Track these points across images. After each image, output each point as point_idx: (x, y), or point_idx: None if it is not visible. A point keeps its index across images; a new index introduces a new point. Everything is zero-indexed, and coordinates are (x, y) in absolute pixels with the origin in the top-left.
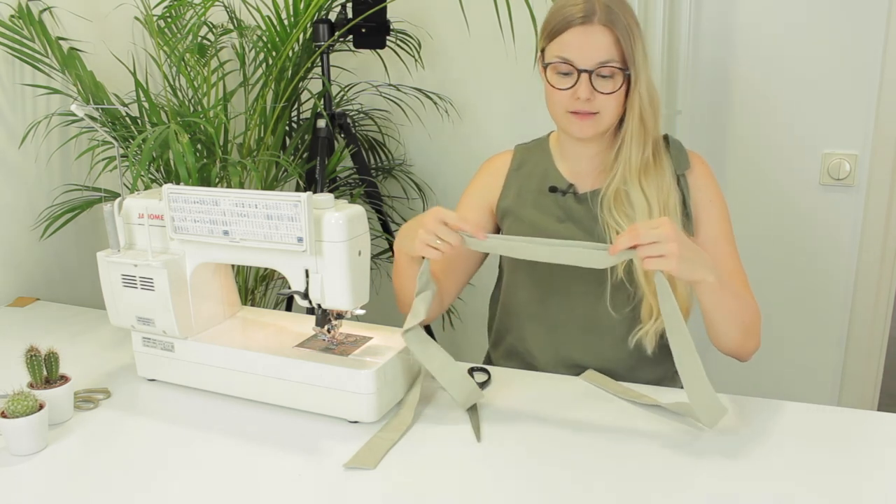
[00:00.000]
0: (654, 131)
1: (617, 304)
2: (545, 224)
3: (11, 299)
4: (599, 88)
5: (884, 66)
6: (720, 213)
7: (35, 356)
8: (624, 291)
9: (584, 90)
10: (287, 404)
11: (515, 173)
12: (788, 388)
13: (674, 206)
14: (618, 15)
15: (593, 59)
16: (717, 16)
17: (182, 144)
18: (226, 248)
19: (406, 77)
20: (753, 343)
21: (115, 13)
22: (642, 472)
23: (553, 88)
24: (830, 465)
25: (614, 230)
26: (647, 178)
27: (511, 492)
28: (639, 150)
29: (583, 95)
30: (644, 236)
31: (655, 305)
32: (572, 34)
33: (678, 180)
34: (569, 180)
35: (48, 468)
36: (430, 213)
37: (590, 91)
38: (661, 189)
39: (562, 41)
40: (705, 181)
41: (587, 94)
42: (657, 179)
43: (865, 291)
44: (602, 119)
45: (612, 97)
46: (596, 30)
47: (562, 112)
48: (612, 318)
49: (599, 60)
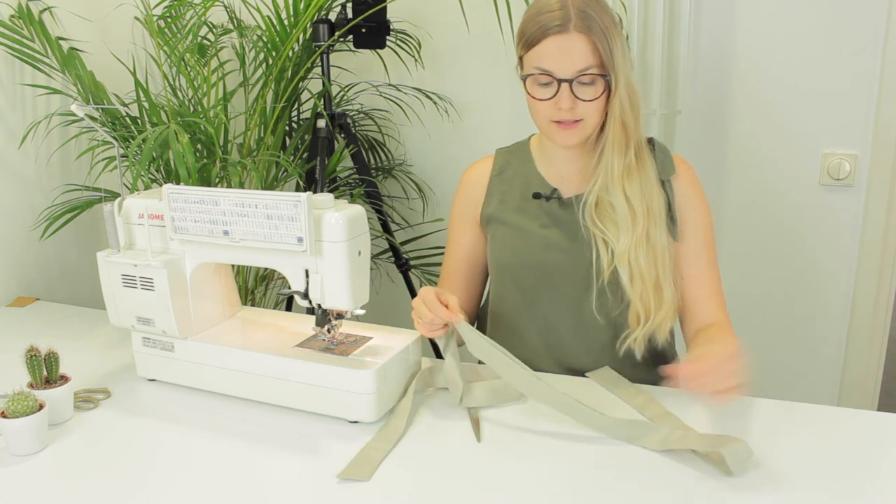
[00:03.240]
0: (635, 133)
1: (602, 310)
2: (530, 229)
3: (11, 299)
4: (581, 96)
5: (884, 66)
6: (703, 222)
7: (35, 356)
8: (609, 297)
9: (565, 100)
10: (287, 404)
11: (497, 179)
12: (788, 388)
13: (658, 210)
14: (593, 18)
15: (572, 69)
16: (717, 16)
17: (182, 144)
18: (226, 248)
19: (406, 77)
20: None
21: (115, 13)
22: (641, 472)
23: (534, 100)
24: (830, 465)
25: (600, 238)
26: (630, 181)
27: (511, 492)
28: (620, 156)
29: (565, 106)
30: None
31: (643, 311)
32: (549, 44)
33: (663, 185)
34: (552, 185)
35: (48, 468)
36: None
37: (571, 100)
38: (645, 192)
39: (539, 51)
40: (690, 187)
41: (569, 103)
42: (640, 183)
43: (865, 291)
44: (586, 126)
45: (594, 103)
46: (573, 38)
47: (545, 122)
48: (600, 322)
49: (578, 69)
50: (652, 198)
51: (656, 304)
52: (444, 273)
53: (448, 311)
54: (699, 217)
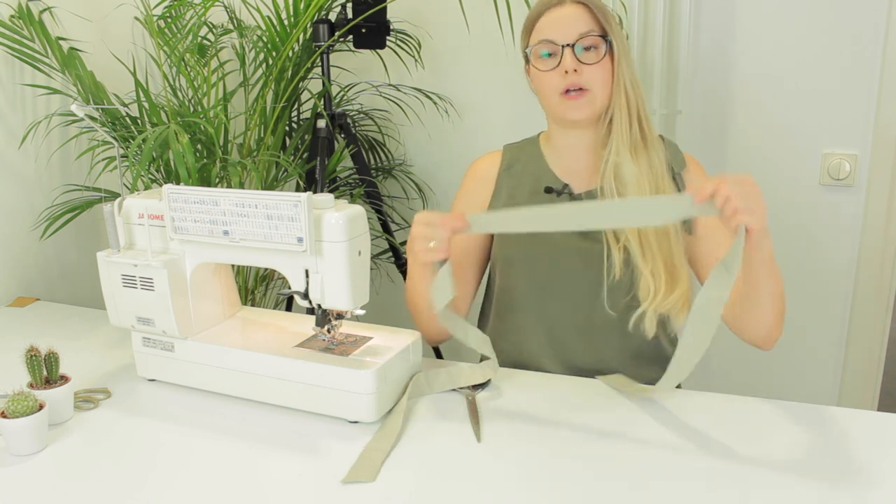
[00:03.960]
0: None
1: (615, 300)
2: None
3: (11, 299)
4: (584, 60)
5: (884, 67)
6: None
7: (35, 356)
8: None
9: (569, 61)
10: (287, 404)
11: (506, 174)
12: (788, 388)
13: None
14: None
15: (573, 33)
16: (717, 16)
17: (182, 144)
18: (226, 248)
19: (406, 77)
20: (780, 330)
21: (115, 13)
22: (642, 472)
23: (540, 72)
24: (830, 465)
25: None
26: (638, 159)
27: (512, 491)
28: (627, 124)
29: (569, 66)
30: (734, 187)
31: (654, 285)
32: (547, 17)
33: (674, 178)
34: (563, 180)
35: (48, 468)
36: (414, 220)
37: (575, 62)
38: (654, 172)
39: (539, 27)
40: (700, 178)
41: (573, 64)
42: (649, 163)
43: (865, 291)
44: (594, 97)
45: (598, 69)
46: (570, 8)
47: (555, 97)
48: (611, 318)
49: (579, 32)
50: (662, 179)
51: (669, 282)
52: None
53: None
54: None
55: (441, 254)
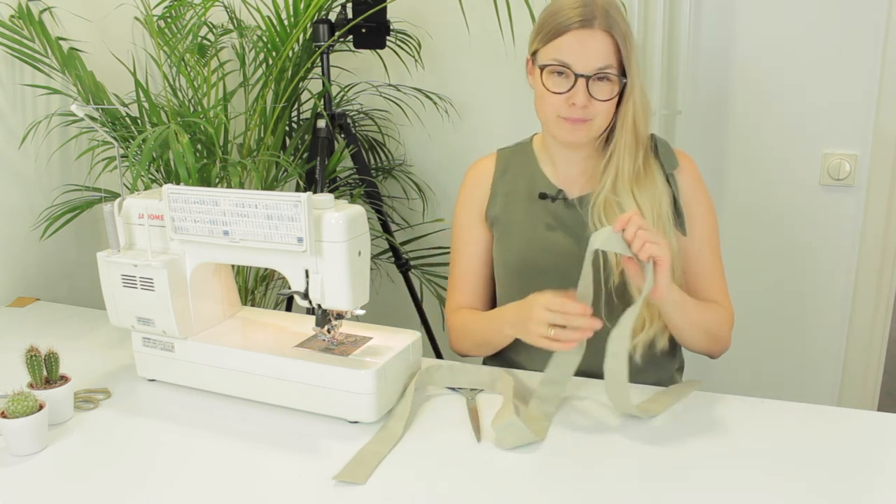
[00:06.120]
0: (644, 139)
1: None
2: (535, 231)
3: (11, 299)
4: (596, 95)
5: (884, 67)
6: (707, 215)
7: (35, 356)
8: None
9: (580, 97)
10: (287, 404)
11: (501, 179)
12: (788, 388)
13: (666, 215)
14: (616, 21)
15: (592, 65)
16: (717, 16)
17: (182, 144)
18: (226, 249)
19: (406, 77)
20: (720, 347)
21: (115, 13)
22: (641, 472)
23: (547, 91)
24: (830, 465)
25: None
26: (639, 187)
27: (512, 491)
28: (631, 160)
29: (579, 102)
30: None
31: (647, 316)
32: (571, 38)
33: (667, 180)
34: (557, 185)
35: (48, 468)
36: (536, 304)
37: (586, 98)
38: (654, 197)
39: (559, 44)
40: (693, 181)
41: (584, 100)
42: (649, 188)
43: (865, 291)
44: (593, 126)
45: (606, 105)
46: (596, 35)
47: (553, 116)
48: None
49: (598, 66)
50: (661, 203)
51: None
52: (456, 275)
53: (583, 309)
54: (703, 211)
55: (571, 346)
